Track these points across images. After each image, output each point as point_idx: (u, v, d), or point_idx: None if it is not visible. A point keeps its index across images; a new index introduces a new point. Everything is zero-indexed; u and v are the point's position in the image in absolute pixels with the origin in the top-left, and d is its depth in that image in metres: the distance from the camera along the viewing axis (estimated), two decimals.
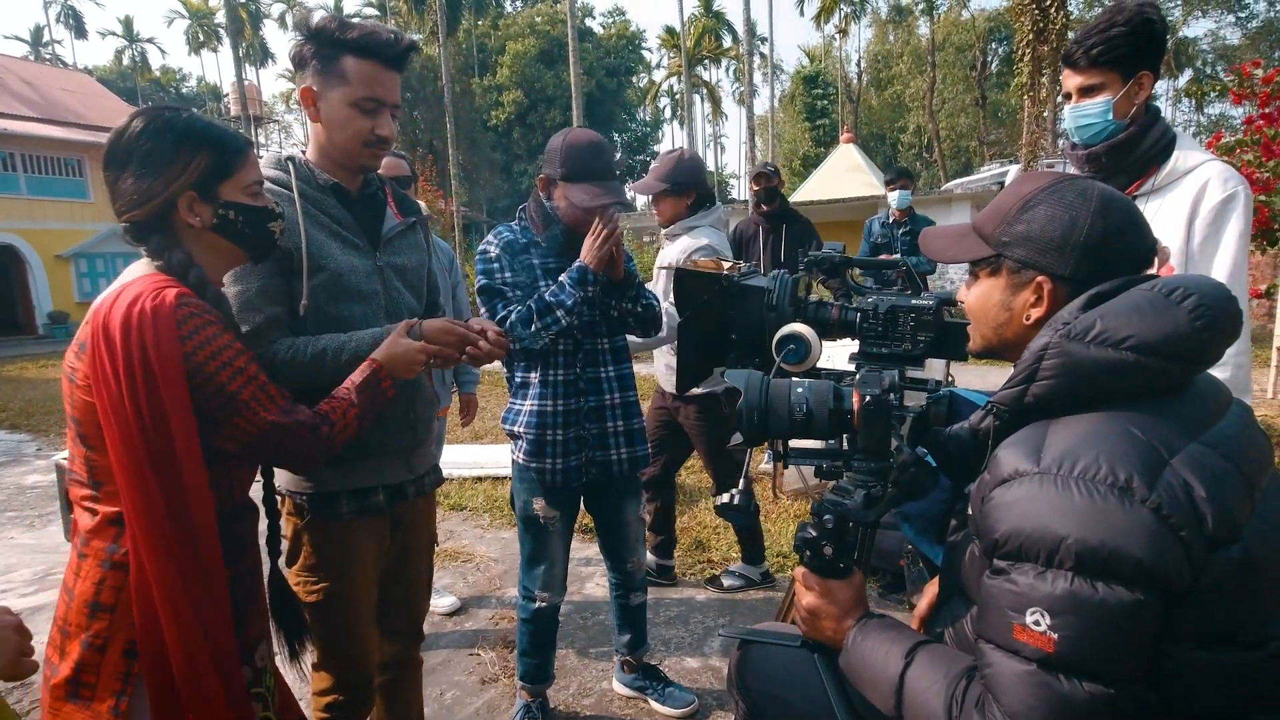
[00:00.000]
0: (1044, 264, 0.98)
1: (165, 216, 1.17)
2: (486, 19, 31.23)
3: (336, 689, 1.55)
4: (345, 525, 1.50)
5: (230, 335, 1.16)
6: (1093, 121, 1.65)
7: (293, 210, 1.40)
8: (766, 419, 1.07)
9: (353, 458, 1.45)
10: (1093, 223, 0.94)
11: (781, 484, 4.10)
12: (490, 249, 1.98)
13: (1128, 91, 1.61)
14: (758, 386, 1.08)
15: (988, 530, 0.87)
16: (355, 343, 1.40)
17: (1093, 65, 1.62)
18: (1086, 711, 0.77)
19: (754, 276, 1.35)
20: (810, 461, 1.17)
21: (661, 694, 2.27)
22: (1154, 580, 0.76)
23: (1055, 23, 9.89)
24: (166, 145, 1.14)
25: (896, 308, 1.23)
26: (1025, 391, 0.93)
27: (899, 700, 0.94)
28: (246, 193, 1.22)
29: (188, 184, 1.16)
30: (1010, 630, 0.82)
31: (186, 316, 1.09)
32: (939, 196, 14.02)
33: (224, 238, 1.21)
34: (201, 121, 1.20)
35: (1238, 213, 1.58)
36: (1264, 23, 27.39)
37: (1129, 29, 1.58)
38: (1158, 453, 0.82)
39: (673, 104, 41.75)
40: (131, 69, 46.43)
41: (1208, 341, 0.87)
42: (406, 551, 1.67)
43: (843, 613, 1.08)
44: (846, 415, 1.06)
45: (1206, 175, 1.60)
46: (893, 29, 35.95)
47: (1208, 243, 1.60)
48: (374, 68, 1.41)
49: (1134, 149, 1.64)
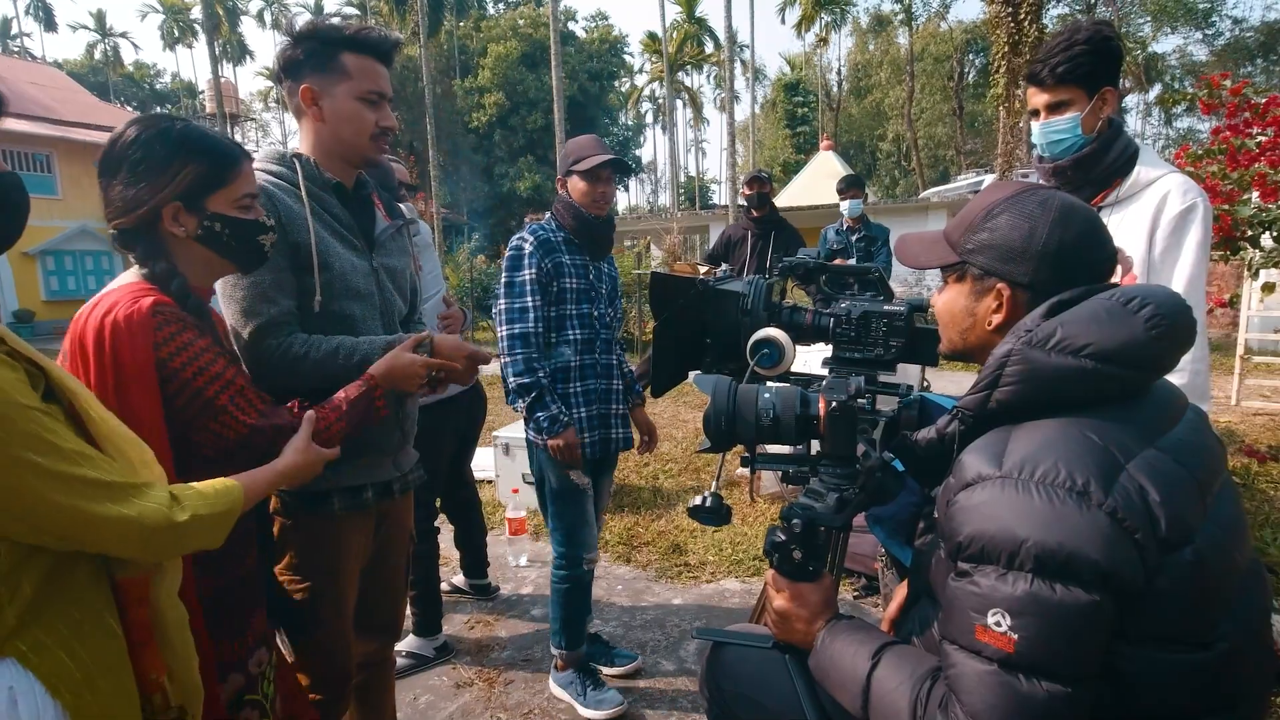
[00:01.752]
0: (1004, 271, 1.00)
1: (151, 225, 1.17)
2: (468, 20, 31.09)
3: (317, 688, 1.55)
4: (335, 523, 1.51)
5: (208, 340, 1.16)
6: (1063, 137, 1.70)
7: (300, 207, 1.43)
8: (734, 424, 1.08)
9: (346, 456, 1.44)
10: (1051, 232, 0.97)
11: (758, 487, 4.12)
12: (525, 245, 2.13)
13: (1093, 107, 1.66)
14: (725, 392, 1.09)
15: (952, 533, 0.89)
16: (368, 346, 1.43)
17: (1059, 83, 1.67)
18: (1045, 710, 0.79)
19: (729, 281, 1.36)
20: (777, 466, 1.18)
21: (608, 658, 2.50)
22: (1109, 581, 0.79)
23: (1029, 36, 10.07)
24: (157, 155, 1.15)
25: (869, 313, 1.24)
26: (989, 397, 0.95)
27: (866, 700, 0.96)
28: (236, 205, 1.22)
29: (174, 194, 1.16)
30: (973, 631, 0.84)
31: (161, 323, 1.10)
32: (916, 205, 14.21)
33: (208, 249, 1.21)
34: (197, 132, 1.20)
35: (1197, 223, 1.63)
36: (1229, 40, 28.17)
37: (1090, 46, 1.63)
38: (1114, 458, 0.84)
39: (655, 109, 41.91)
40: (104, 64, 45.50)
41: (1163, 349, 0.90)
42: (386, 548, 1.68)
43: (812, 615, 1.09)
44: (813, 420, 1.07)
45: (1167, 187, 1.66)
46: (873, 38, 36.40)
47: (1168, 252, 1.65)
48: (371, 62, 1.45)
49: (1099, 162, 1.69)
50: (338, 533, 1.52)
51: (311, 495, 1.48)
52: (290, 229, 1.40)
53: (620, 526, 3.79)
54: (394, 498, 1.63)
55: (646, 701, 2.33)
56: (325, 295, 1.44)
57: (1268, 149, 2.63)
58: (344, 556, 1.54)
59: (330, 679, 1.57)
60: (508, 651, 2.66)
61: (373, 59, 1.45)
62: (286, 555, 1.51)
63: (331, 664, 1.56)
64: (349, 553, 1.55)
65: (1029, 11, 10.23)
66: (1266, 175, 2.64)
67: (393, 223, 1.65)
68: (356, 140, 1.47)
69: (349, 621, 1.58)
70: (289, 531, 1.50)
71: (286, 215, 1.40)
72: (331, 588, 1.52)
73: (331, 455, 1.28)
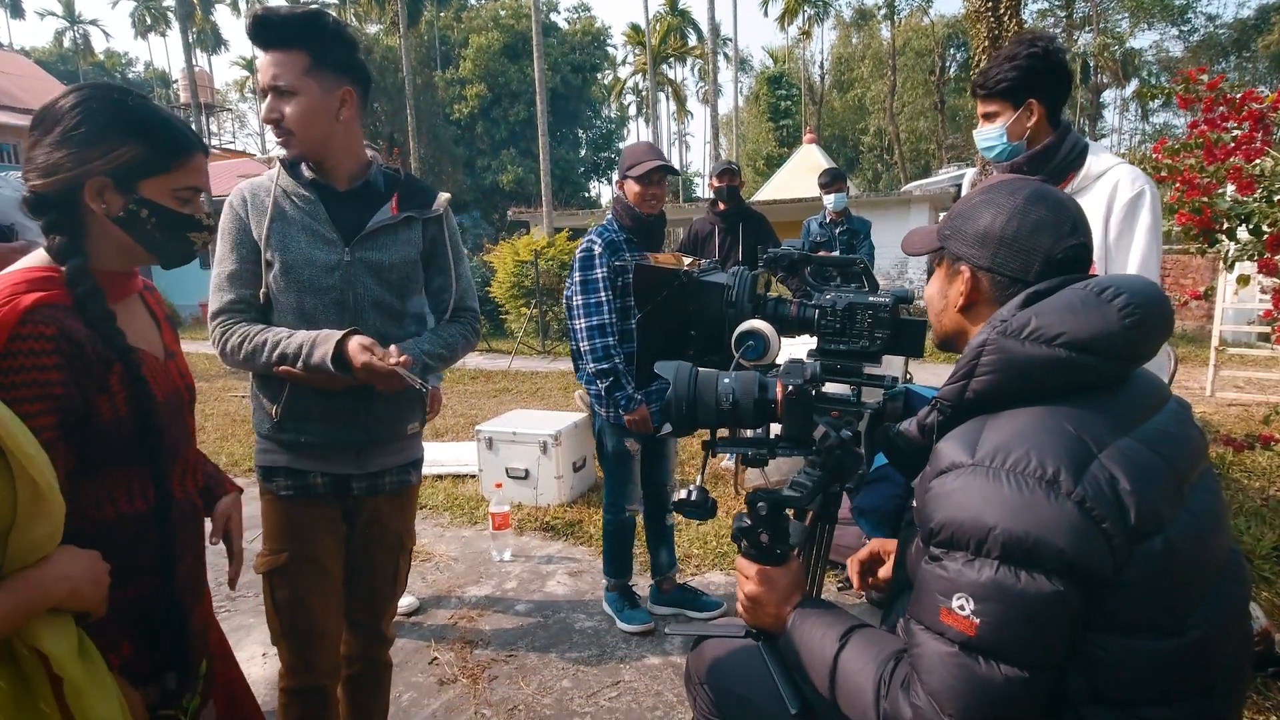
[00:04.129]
0: (968, 255, 1.04)
1: (70, 195, 1.08)
2: (449, 11, 30.74)
3: (292, 673, 1.61)
4: (283, 501, 1.59)
5: (58, 375, 1.01)
6: (992, 144, 1.90)
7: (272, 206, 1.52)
8: (695, 409, 1.09)
9: (293, 440, 1.57)
10: (1010, 218, 1.00)
11: (743, 480, 4.13)
12: (595, 246, 2.48)
13: (1019, 117, 1.84)
14: (686, 378, 1.10)
15: (925, 519, 0.90)
16: (284, 345, 1.46)
17: (990, 95, 1.87)
18: (1002, 693, 0.81)
19: (713, 273, 1.35)
20: (736, 449, 1.19)
21: (697, 603, 2.80)
22: (1074, 570, 0.80)
23: (1009, 31, 10.13)
24: (98, 124, 1.06)
25: (854, 305, 1.24)
26: (966, 387, 0.96)
27: (833, 681, 0.97)
28: (174, 196, 1.14)
29: (104, 169, 1.07)
30: (938, 613, 0.85)
31: (25, 335, 0.98)
32: (898, 198, 14.28)
33: (126, 233, 1.12)
34: (152, 112, 1.12)
35: (1146, 207, 1.77)
36: (1204, 36, 28.61)
37: (1015, 63, 1.81)
38: (1087, 447, 0.85)
39: (638, 101, 41.74)
40: (74, 52, 44.48)
41: (1138, 339, 0.90)
42: (368, 547, 1.70)
43: (782, 599, 1.10)
44: (770, 405, 1.09)
45: (1117, 177, 1.81)
46: (855, 32, 36.51)
47: (1121, 237, 1.79)
48: (261, 53, 1.46)
49: (1051, 158, 1.85)
50: (287, 510, 1.60)
51: (264, 469, 1.60)
52: (256, 223, 1.52)
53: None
54: (356, 495, 1.64)
55: (631, 695, 2.33)
56: (275, 286, 1.52)
57: (1243, 142, 2.66)
58: (296, 536, 1.58)
59: (304, 665, 1.60)
60: (491, 647, 2.65)
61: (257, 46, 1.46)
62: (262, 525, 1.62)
63: (308, 649, 1.59)
64: (301, 534, 1.59)
65: (1009, 6, 10.29)
66: (1242, 169, 2.67)
67: (393, 216, 1.59)
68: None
69: (330, 609, 1.61)
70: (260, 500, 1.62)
71: (254, 209, 1.52)
72: (283, 564, 1.57)
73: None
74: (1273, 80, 26.89)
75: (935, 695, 0.83)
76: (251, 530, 1.56)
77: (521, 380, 8.40)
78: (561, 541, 3.61)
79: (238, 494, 1.41)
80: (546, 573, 3.26)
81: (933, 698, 0.84)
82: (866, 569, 1.39)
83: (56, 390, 1.00)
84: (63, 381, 1.01)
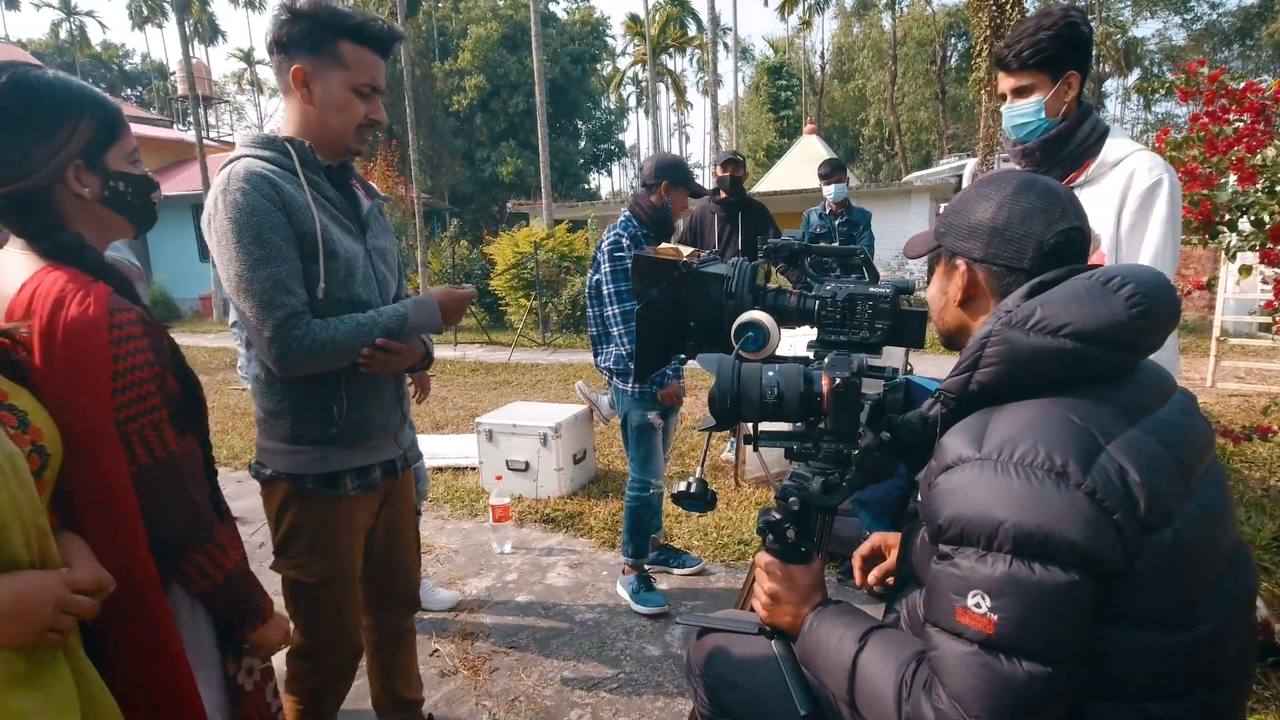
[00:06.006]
0: (963, 249, 1.03)
1: (48, 189, 1.04)
2: (447, 2, 30.55)
3: (327, 668, 1.62)
4: (348, 502, 1.56)
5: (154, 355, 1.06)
6: (1027, 120, 1.75)
7: (301, 194, 1.41)
8: (739, 403, 1.08)
9: (357, 439, 1.54)
10: (1000, 208, 0.99)
11: (743, 471, 4.13)
12: (623, 239, 2.63)
13: (1057, 91, 1.71)
14: (729, 371, 1.09)
15: (932, 515, 0.88)
16: (383, 318, 1.47)
17: (1023, 68, 1.72)
18: (1025, 691, 0.79)
19: (713, 264, 1.34)
20: (780, 444, 1.18)
21: (679, 560, 3.13)
22: (1088, 562, 0.79)
23: (1010, 19, 10.10)
24: (47, 108, 1.02)
25: (854, 295, 1.23)
26: (970, 379, 0.95)
27: (852, 683, 0.96)
28: (129, 160, 1.12)
29: (75, 151, 1.04)
30: (953, 613, 0.84)
31: (120, 324, 1.01)
32: (899, 189, 14.22)
33: (112, 210, 1.11)
34: (73, 83, 1.07)
35: (1163, 197, 1.67)
36: (1206, 25, 28.43)
37: (1054, 33, 1.67)
38: (1094, 438, 0.84)
39: (638, 92, 41.54)
40: (70, 44, 44.21)
41: (1144, 329, 0.89)
42: (394, 523, 1.75)
43: (801, 599, 1.09)
44: (816, 398, 1.08)
45: (1134, 165, 1.70)
46: (856, 22, 36.28)
47: (1135, 228, 1.69)
48: (370, 54, 1.45)
49: (1067, 143, 1.74)
50: (349, 511, 1.57)
51: (325, 476, 1.52)
52: (295, 218, 1.38)
53: (606, 512, 3.78)
54: (398, 475, 1.69)
55: (632, 687, 2.34)
56: (331, 282, 1.44)
57: (1245, 135, 2.64)
58: (353, 534, 1.60)
59: (343, 656, 1.63)
60: (492, 639, 2.65)
61: (371, 51, 1.44)
62: (295, 540, 1.54)
63: (344, 640, 1.62)
64: (357, 532, 1.62)
65: None
66: (1244, 159, 2.65)
67: (374, 202, 1.64)
68: (343, 130, 1.47)
69: (356, 596, 1.65)
70: (301, 515, 1.53)
71: (290, 203, 1.38)
72: (340, 567, 1.58)
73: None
74: (1276, 68, 26.76)
75: (958, 697, 0.82)
76: (252, 524, 1.56)
77: (522, 372, 8.39)
78: (562, 534, 3.62)
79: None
80: (547, 565, 3.27)
81: (956, 700, 0.82)
82: (869, 564, 1.39)
83: (158, 370, 1.06)
84: (158, 361, 1.07)
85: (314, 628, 1.59)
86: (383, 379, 1.57)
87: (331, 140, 1.48)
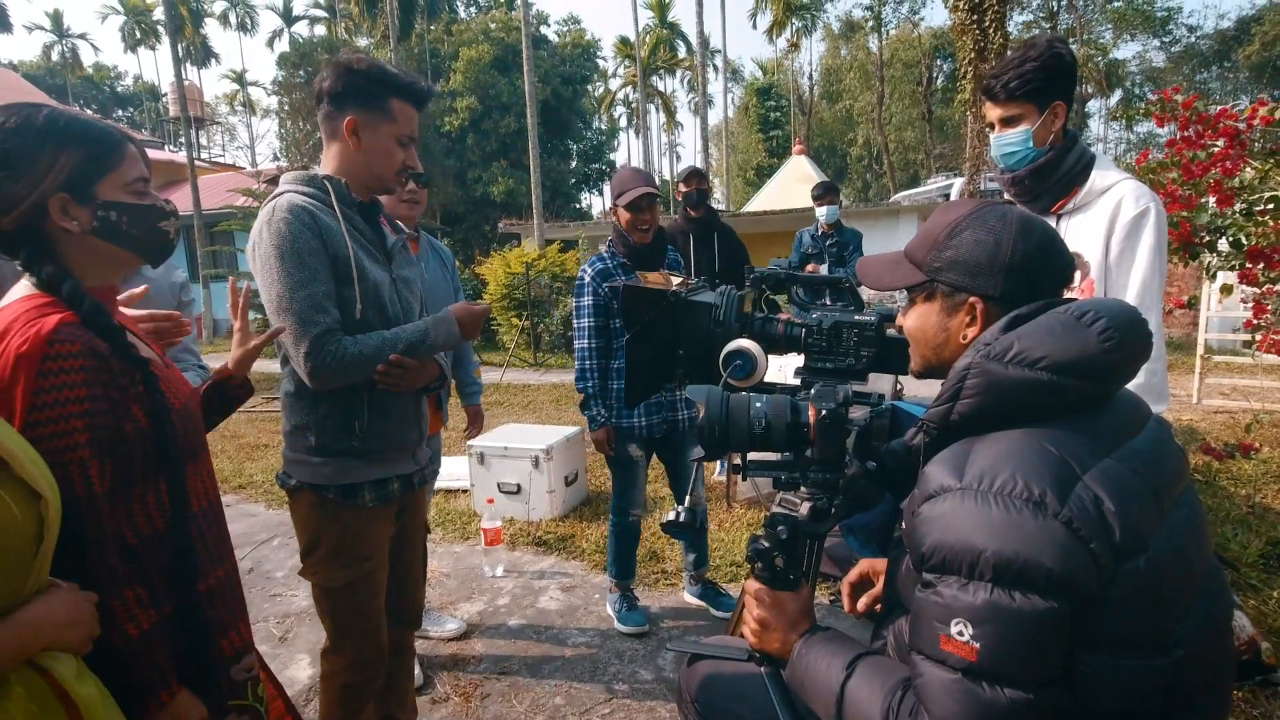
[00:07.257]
0: (974, 286, 1.03)
1: (36, 223, 1.06)
2: (439, 24, 30.86)
3: (355, 668, 1.69)
4: (368, 513, 1.64)
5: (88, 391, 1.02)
6: (1015, 149, 1.78)
7: (336, 224, 1.54)
8: (728, 432, 1.10)
9: (376, 452, 1.64)
10: (1015, 244, 1.00)
11: (735, 493, 4.13)
12: (585, 275, 2.62)
13: (1044, 121, 1.74)
14: (718, 401, 1.11)
15: (916, 544, 0.90)
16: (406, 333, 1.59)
17: (1010, 99, 1.75)
18: (1007, 717, 0.81)
19: (701, 292, 1.36)
20: (769, 473, 1.19)
21: (716, 602, 3.01)
22: (1065, 589, 0.81)
23: (994, 43, 10.28)
24: (27, 144, 1.03)
25: (840, 323, 1.26)
26: (951, 409, 0.97)
27: (840, 710, 0.97)
28: (129, 190, 1.12)
29: (56, 184, 1.05)
30: (937, 641, 0.86)
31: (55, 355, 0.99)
32: (887, 208, 14.39)
33: (107, 241, 1.11)
34: (66, 117, 1.09)
35: (1150, 227, 1.70)
36: (1185, 47, 29.06)
37: (1040, 64, 1.70)
38: (1071, 468, 0.86)
39: (628, 113, 41.95)
40: (62, 66, 44.30)
41: (1116, 361, 0.92)
42: (407, 537, 1.83)
43: (790, 625, 1.10)
44: (803, 428, 1.09)
45: (1121, 193, 1.72)
46: (844, 44, 36.86)
47: (1123, 256, 1.72)
48: (412, 109, 1.61)
49: (1055, 171, 1.77)
50: (370, 522, 1.65)
51: (345, 487, 1.62)
52: (330, 244, 1.52)
53: (597, 534, 3.78)
54: (414, 490, 1.78)
55: (625, 713, 2.32)
56: (364, 303, 1.56)
57: (1219, 159, 2.72)
58: (376, 544, 1.68)
59: (368, 658, 1.70)
60: (484, 665, 2.64)
61: (413, 106, 1.60)
62: (321, 546, 1.63)
63: (369, 644, 1.69)
64: (380, 541, 1.69)
65: (994, 19, 10.45)
66: (1222, 182, 2.72)
67: (399, 236, 1.78)
68: (385, 174, 1.62)
69: (383, 604, 1.72)
70: (323, 524, 1.62)
71: (327, 232, 1.52)
72: (365, 573, 1.65)
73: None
74: (1254, 90, 27.33)
75: None
76: (240, 547, 1.55)
77: (513, 393, 8.38)
78: (554, 556, 3.60)
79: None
80: (539, 588, 3.25)
81: None
82: (857, 590, 1.40)
83: (88, 406, 1.02)
84: (94, 398, 1.03)
85: (340, 629, 1.69)
86: (403, 396, 1.66)
87: (373, 182, 1.64)
